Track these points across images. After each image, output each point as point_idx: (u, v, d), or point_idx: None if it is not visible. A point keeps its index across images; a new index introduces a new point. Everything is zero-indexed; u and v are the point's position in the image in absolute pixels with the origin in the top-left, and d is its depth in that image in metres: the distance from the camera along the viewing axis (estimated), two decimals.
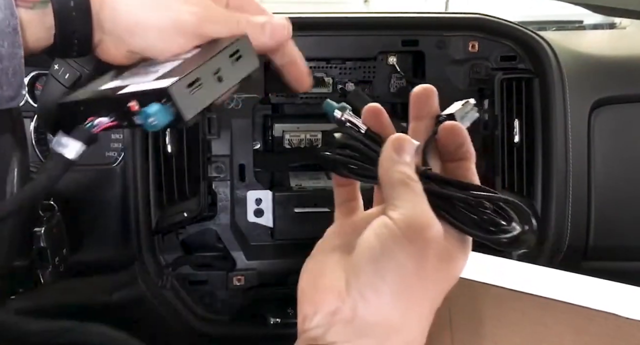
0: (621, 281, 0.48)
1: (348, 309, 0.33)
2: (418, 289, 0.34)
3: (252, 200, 0.88)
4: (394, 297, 0.33)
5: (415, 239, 0.33)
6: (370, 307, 0.33)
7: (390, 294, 0.33)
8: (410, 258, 0.33)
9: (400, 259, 0.33)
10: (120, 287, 0.89)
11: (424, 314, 0.35)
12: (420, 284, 0.34)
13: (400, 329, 0.34)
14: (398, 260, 0.33)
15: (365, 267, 0.33)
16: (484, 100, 0.88)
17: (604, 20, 1.54)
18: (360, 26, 0.85)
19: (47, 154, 0.85)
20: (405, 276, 0.33)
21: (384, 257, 0.33)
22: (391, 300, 0.33)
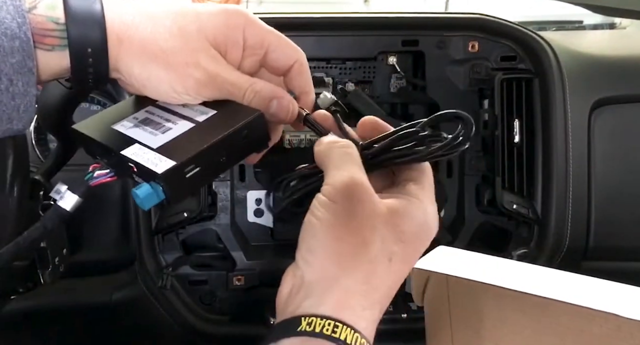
0: (621, 281, 0.48)
1: (299, 279, 0.38)
2: (347, 240, 0.38)
3: (252, 200, 0.88)
4: (326, 252, 0.38)
5: (337, 199, 0.38)
6: (312, 268, 0.38)
7: (322, 251, 0.38)
8: (336, 215, 0.38)
9: (326, 219, 0.38)
10: (120, 287, 0.89)
11: (358, 260, 0.38)
12: (348, 234, 0.38)
13: (339, 278, 0.37)
14: (325, 220, 0.38)
15: (305, 237, 0.39)
16: (484, 100, 0.88)
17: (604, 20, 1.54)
18: (360, 26, 0.85)
19: (46, 154, 0.85)
20: (334, 231, 0.38)
21: (316, 222, 0.38)
22: (324, 255, 0.38)
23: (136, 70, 0.41)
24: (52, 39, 0.38)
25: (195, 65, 0.41)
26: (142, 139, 0.41)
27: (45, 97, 0.62)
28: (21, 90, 0.37)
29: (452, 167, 0.90)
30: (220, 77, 0.42)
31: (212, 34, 0.41)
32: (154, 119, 0.43)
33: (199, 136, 0.40)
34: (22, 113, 0.38)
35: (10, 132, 0.39)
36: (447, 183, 0.89)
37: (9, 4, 0.36)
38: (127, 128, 0.43)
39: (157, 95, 0.42)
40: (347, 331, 0.35)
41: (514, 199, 0.85)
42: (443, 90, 0.87)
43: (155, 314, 0.87)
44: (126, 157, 0.39)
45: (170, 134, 0.41)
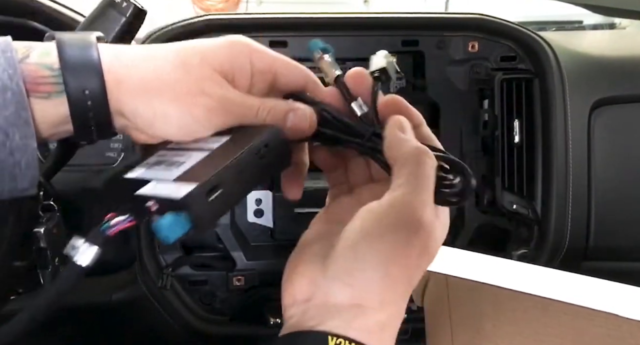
0: (621, 281, 0.48)
1: (322, 294, 0.34)
2: (397, 275, 0.34)
3: (252, 200, 0.88)
4: (369, 282, 0.33)
5: (402, 225, 0.33)
6: (346, 292, 0.34)
7: (365, 280, 0.33)
8: (394, 245, 0.33)
9: (382, 246, 0.33)
10: (121, 288, 0.89)
11: (398, 296, 0.35)
12: (399, 270, 0.34)
13: (376, 312, 0.34)
14: (379, 247, 0.33)
15: (345, 252, 0.34)
16: (484, 100, 0.88)
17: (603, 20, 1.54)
18: (360, 26, 0.85)
19: (46, 154, 0.85)
20: (386, 264, 0.33)
21: (366, 242, 0.34)
22: (365, 284, 0.33)
23: (141, 109, 0.39)
24: (48, 86, 0.37)
25: (201, 93, 0.39)
26: (157, 177, 0.39)
27: None
28: (19, 144, 0.36)
29: None
30: (229, 100, 0.40)
31: (218, 63, 0.40)
32: (167, 159, 0.41)
33: (217, 159, 0.38)
34: (25, 170, 0.37)
35: (17, 192, 0.37)
36: None
37: (1, 56, 0.35)
38: (139, 173, 0.41)
39: (167, 133, 0.40)
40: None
41: (514, 199, 0.85)
42: (443, 91, 0.87)
43: (155, 314, 0.87)
44: (142, 196, 0.37)
45: (185, 165, 0.39)
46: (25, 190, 0.38)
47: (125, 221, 0.38)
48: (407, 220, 0.34)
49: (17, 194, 0.37)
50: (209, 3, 3.47)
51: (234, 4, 3.51)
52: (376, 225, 0.34)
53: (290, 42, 0.83)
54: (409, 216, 0.34)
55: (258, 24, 0.83)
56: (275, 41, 0.83)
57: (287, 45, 0.83)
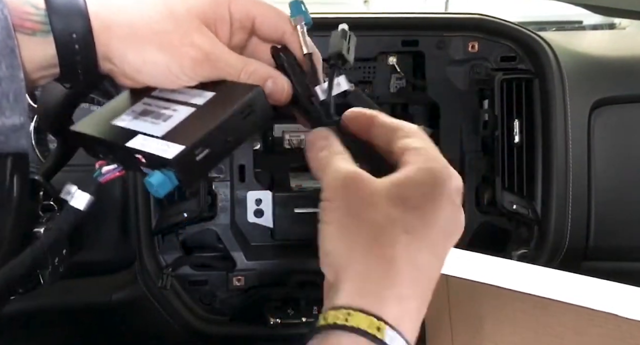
0: (621, 281, 0.48)
1: (326, 285, 0.38)
2: (354, 227, 0.37)
3: (252, 200, 0.88)
4: (338, 248, 0.37)
5: (334, 196, 0.38)
6: (330, 268, 0.37)
7: (334, 248, 0.37)
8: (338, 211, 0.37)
9: (330, 219, 0.37)
10: (121, 288, 0.89)
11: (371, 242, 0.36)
12: (355, 221, 0.37)
13: (350, 266, 0.36)
14: (329, 221, 0.37)
15: (320, 244, 0.38)
16: (484, 100, 0.88)
17: (603, 20, 1.54)
18: (360, 26, 0.85)
19: (47, 154, 0.85)
20: (340, 226, 0.37)
21: (323, 226, 0.38)
22: (337, 251, 0.37)
23: (130, 55, 0.40)
24: (32, 23, 0.37)
25: (190, 44, 0.40)
26: (145, 130, 0.41)
27: (45, 98, 0.62)
28: (6, 73, 0.35)
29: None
30: (215, 55, 0.41)
31: (202, 12, 0.41)
32: (153, 109, 0.42)
33: (203, 118, 0.40)
34: (13, 102, 0.36)
35: (6, 129, 0.36)
36: None
37: None
38: (127, 121, 0.42)
39: (153, 80, 0.41)
40: (360, 317, 0.33)
41: (514, 199, 0.85)
42: (443, 91, 0.87)
43: (155, 315, 0.87)
44: (133, 149, 0.39)
45: (173, 121, 0.41)
46: (15, 128, 0.37)
47: (115, 170, 0.41)
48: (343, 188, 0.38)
49: (10, 134, 0.37)
50: None
51: None
52: (326, 212, 0.38)
53: None
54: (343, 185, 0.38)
55: None
56: None
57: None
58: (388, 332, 0.32)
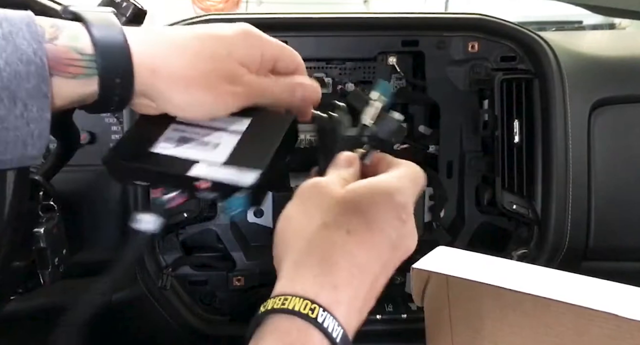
0: (621, 281, 0.48)
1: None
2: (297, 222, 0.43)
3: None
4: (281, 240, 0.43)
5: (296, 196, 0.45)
6: (275, 260, 0.43)
7: (278, 241, 0.44)
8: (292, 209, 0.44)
9: (284, 215, 0.44)
10: (120, 288, 0.89)
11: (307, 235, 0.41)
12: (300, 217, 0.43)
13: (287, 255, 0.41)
14: (283, 218, 0.44)
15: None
16: (484, 100, 0.88)
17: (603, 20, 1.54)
18: (360, 26, 0.85)
19: (46, 154, 0.85)
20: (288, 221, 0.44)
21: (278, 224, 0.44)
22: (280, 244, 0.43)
23: (176, 97, 0.42)
24: (76, 68, 0.39)
25: (231, 82, 0.43)
26: (199, 157, 0.43)
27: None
28: (35, 115, 0.37)
29: (452, 168, 0.90)
30: (250, 85, 0.45)
31: (239, 54, 0.45)
32: (193, 136, 0.45)
33: (257, 143, 0.44)
34: (36, 139, 0.38)
35: (25, 159, 0.38)
36: (447, 183, 0.90)
37: (25, 31, 0.36)
38: (171, 149, 0.44)
39: (194, 115, 0.44)
40: (295, 300, 0.36)
41: (513, 199, 0.85)
42: (443, 91, 0.87)
43: (155, 315, 0.87)
44: (197, 178, 0.42)
45: (225, 147, 0.44)
46: (33, 158, 0.39)
47: (180, 198, 0.44)
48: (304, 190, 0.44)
49: (26, 162, 0.39)
50: (209, 3, 3.47)
51: (234, 4, 3.51)
52: (285, 210, 0.44)
53: (290, 42, 0.83)
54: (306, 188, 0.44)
55: (258, 24, 0.82)
56: None
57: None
58: (320, 312, 0.36)
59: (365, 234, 0.40)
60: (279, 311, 0.37)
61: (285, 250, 0.41)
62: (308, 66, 0.90)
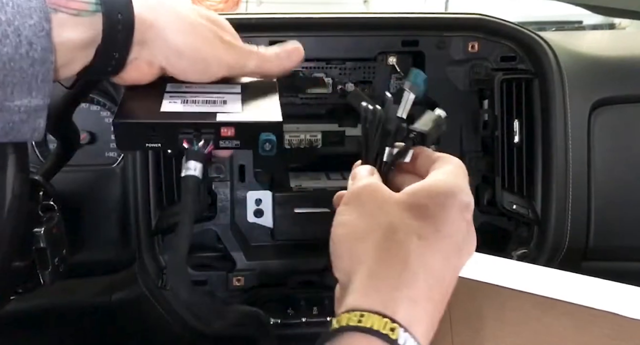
0: (621, 281, 0.48)
1: (338, 289, 0.41)
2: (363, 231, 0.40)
3: (252, 200, 0.88)
4: (347, 251, 0.40)
5: (350, 201, 0.43)
6: (341, 272, 0.40)
7: (344, 251, 0.40)
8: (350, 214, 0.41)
9: (342, 223, 0.42)
10: (120, 288, 0.89)
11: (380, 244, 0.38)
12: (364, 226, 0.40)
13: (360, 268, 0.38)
14: (341, 225, 0.42)
15: (331, 249, 0.41)
16: (484, 100, 0.88)
17: (603, 20, 1.54)
18: (360, 26, 0.85)
19: (47, 154, 0.85)
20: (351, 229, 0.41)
21: (335, 231, 0.42)
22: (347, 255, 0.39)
23: (174, 38, 0.44)
24: (79, 4, 0.39)
25: (224, 43, 0.46)
26: (214, 110, 0.46)
27: None
28: (40, 55, 0.37)
29: None
30: (243, 50, 0.49)
31: (230, 28, 0.49)
32: (193, 98, 0.48)
33: (262, 100, 0.49)
34: (40, 83, 0.38)
35: (30, 110, 0.38)
36: None
37: None
38: (180, 108, 0.47)
39: (187, 68, 0.46)
40: (373, 318, 0.33)
41: (513, 199, 0.85)
42: (443, 91, 0.87)
43: (155, 315, 0.87)
44: (224, 123, 0.45)
45: (233, 104, 0.48)
46: (38, 108, 0.39)
47: (206, 145, 0.45)
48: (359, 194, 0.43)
49: (30, 111, 0.39)
50: (208, 3, 3.46)
51: (234, 4, 3.51)
52: (340, 216, 0.42)
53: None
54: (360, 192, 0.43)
55: (258, 24, 0.83)
56: (275, 41, 0.82)
57: None
58: (401, 333, 0.33)
59: (436, 240, 0.37)
60: (355, 329, 0.33)
61: (355, 259, 0.37)
62: (308, 66, 0.90)
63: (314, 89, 0.89)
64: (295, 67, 0.52)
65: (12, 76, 0.36)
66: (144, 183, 0.81)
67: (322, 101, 0.90)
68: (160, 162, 0.81)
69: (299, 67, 0.88)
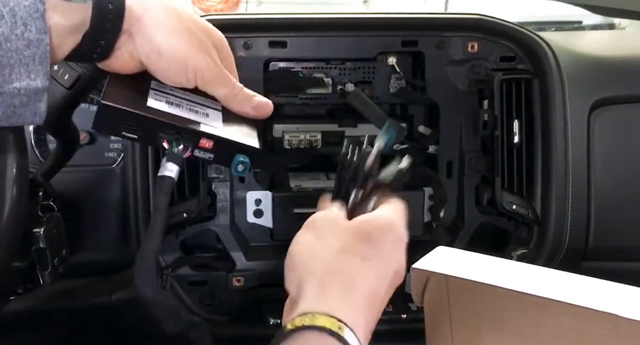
0: (621, 281, 0.48)
1: (289, 298, 0.46)
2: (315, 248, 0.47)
3: (252, 200, 0.88)
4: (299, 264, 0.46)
5: (308, 225, 0.51)
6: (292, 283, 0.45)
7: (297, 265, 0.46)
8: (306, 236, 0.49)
9: (298, 242, 0.49)
10: (120, 288, 0.89)
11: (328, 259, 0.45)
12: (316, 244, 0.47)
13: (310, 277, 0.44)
14: (297, 244, 0.49)
15: (286, 263, 0.48)
16: (483, 100, 0.88)
17: (603, 20, 1.55)
18: (359, 26, 0.85)
19: (46, 155, 0.85)
20: (304, 247, 0.48)
21: (292, 248, 0.49)
22: (299, 267, 0.46)
23: (159, 36, 0.45)
24: None
25: (209, 54, 0.48)
26: (197, 120, 0.48)
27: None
28: (35, 36, 0.38)
29: (452, 168, 0.90)
30: (221, 70, 0.50)
31: (215, 40, 0.50)
32: (177, 102, 0.49)
33: (241, 123, 0.52)
34: (38, 65, 0.38)
35: (29, 91, 0.39)
36: (447, 183, 0.89)
37: None
38: (164, 107, 0.48)
39: (164, 66, 0.47)
40: (324, 318, 0.38)
41: (513, 200, 0.85)
42: (443, 91, 0.87)
43: (154, 315, 0.87)
44: (205, 134, 0.47)
45: (215, 119, 0.50)
46: (37, 91, 0.39)
47: (187, 151, 0.47)
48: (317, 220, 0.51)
49: (30, 94, 0.39)
50: (208, 3, 3.46)
51: (234, 4, 3.50)
52: (298, 238, 0.49)
53: (290, 43, 0.83)
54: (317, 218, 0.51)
55: (257, 25, 0.83)
56: (275, 41, 0.83)
57: (286, 46, 0.83)
58: (347, 332, 0.38)
59: (376, 262, 0.44)
60: (309, 328, 0.38)
61: (307, 272, 0.44)
62: (308, 66, 0.90)
63: (313, 89, 0.89)
64: (258, 117, 0.54)
65: (8, 57, 0.37)
66: (143, 183, 0.81)
67: (322, 101, 0.90)
68: (160, 162, 0.81)
69: (299, 67, 0.88)
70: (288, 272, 0.46)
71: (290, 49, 0.83)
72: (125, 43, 0.45)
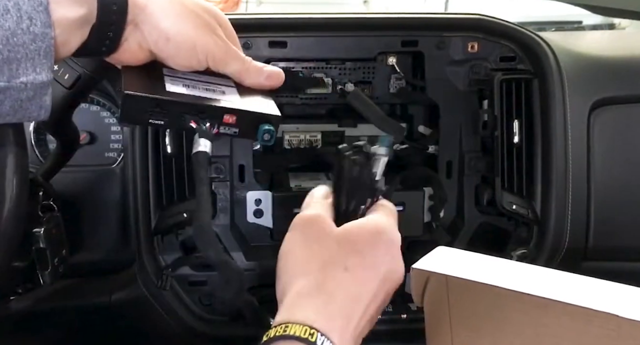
0: (621, 281, 0.48)
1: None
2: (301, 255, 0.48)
3: (252, 200, 0.88)
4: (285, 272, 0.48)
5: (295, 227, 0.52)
6: (278, 289, 0.47)
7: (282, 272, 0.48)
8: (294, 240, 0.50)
9: (286, 247, 0.50)
10: (120, 288, 0.89)
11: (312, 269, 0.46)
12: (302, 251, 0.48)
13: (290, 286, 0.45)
14: (285, 249, 0.50)
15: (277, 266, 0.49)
16: (483, 100, 0.88)
17: (603, 20, 1.55)
18: (359, 26, 0.85)
19: (46, 154, 0.85)
20: (291, 253, 0.49)
21: (280, 253, 0.50)
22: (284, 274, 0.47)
23: (165, 22, 0.45)
24: None
25: (214, 34, 0.48)
26: (216, 97, 0.49)
27: None
28: (40, 30, 0.38)
29: (452, 168, 0.90)
30: (229, 47, 0.50)
31: (220, 20, 0.51)
32: (193, 84, 0.50)
33: (255, 94, 0.52)
34: (43, 58, 0.39)
35: (34, 85, 0.39)
36: (447, 184, 0.89)
37: None
38: (183, 90, 0.48)
39: (173, 53, 0.47)
40: (295, 327, 0.40)
41: (513, 200, 0.85)
42: (442, 91, 0.87)
43: (154, 315, 0.87)
44: (228, 109, 0.48)
45: (231, 94, 0.51)
46: (43, 85, 0.40)
47: (213, 128, 0.48)
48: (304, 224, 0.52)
49: (36, 88, 0.40)
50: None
51: (234, 4, 3.50)
52: (285, 241, 0.50)
53: (290, 43, 0.83)
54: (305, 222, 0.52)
55: (258, 25, 0.83)
56: (275, 41, 0.83)
57: (286, 46, 0.83)
58: (319, 337, 0.39)
59: (360, 271, 0.44)
60: (281, 338, 0.39)
61: (289, 281, 0.45)
62: (308, 66, 0.90)
63: (313, 89, 0.89)
64: (271, 87, 0.55)
65: (15, 52, 0.37)
66: (143, 183, 0.81)
67: (321, 101, 0.90)
68: (160, 162, 0.81)
69: (299, 67, 0.88)
70: (277, 276, 0.47)
71: (290, 49, 0.83)
72: (132, 34, 0.45)
